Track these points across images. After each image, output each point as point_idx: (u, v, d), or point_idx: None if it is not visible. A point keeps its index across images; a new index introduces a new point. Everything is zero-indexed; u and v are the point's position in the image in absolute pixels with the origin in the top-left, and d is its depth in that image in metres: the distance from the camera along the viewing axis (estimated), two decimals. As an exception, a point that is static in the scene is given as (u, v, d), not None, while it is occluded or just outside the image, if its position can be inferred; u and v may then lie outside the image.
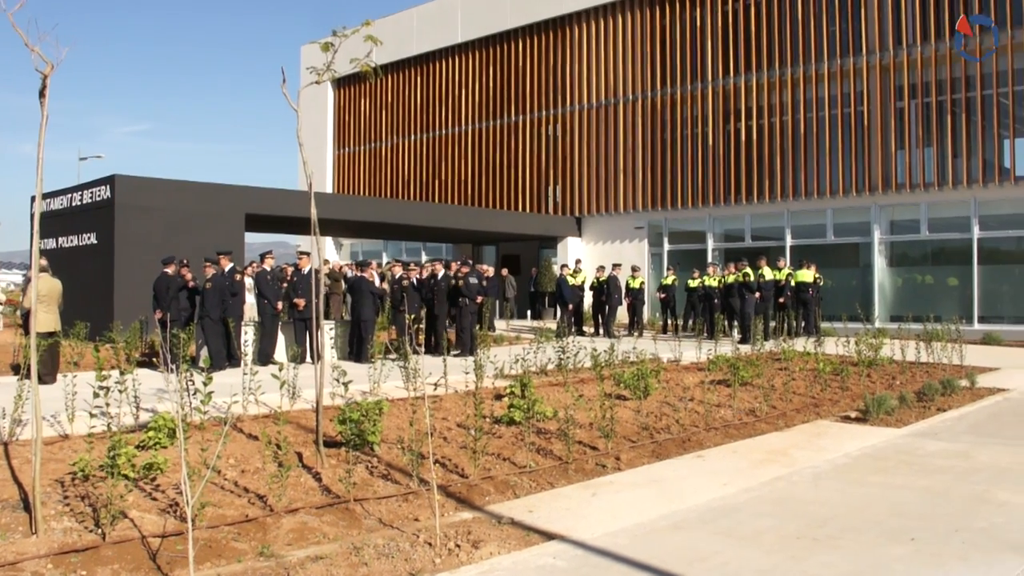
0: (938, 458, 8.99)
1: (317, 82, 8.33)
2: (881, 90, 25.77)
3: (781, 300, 22.40)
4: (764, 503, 7.29)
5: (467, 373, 10.71)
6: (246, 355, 15.14)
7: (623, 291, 25.05)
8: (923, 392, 13.03)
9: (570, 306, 24.56)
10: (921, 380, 14.43)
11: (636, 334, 23.88)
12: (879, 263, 25.87)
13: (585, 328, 25.30)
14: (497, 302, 28.63)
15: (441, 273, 18.71)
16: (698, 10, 29.21)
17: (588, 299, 25.89)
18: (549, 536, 6.37)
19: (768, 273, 22.17)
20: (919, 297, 25.32)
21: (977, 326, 23.48)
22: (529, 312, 30.52)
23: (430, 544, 6.14)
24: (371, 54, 8.20)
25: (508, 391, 10.92)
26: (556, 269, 29.59)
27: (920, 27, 25.09)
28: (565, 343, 14.45)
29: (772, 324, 21.26)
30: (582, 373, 14.17)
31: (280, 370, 8.46)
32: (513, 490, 7.75)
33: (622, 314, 25.56)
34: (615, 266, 25.21)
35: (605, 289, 24.56)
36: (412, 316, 10.17)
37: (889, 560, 5.79)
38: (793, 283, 22.89)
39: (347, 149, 40.62)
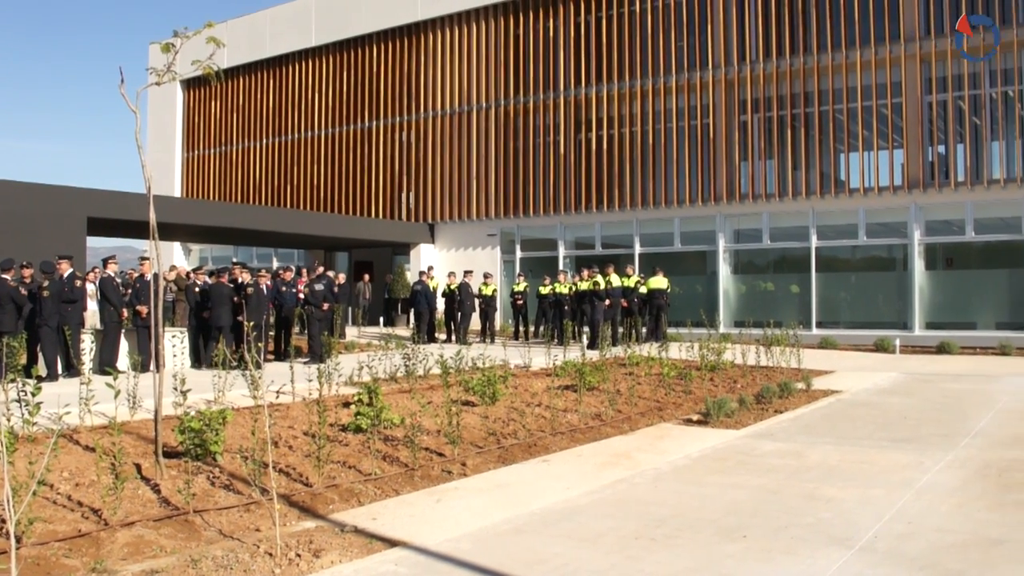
0: (773, 458, 9.32)
1: (157, 83, 8.12)
2: (726, 104, 26.66)
3: (625, 305, 22.97)
4: (606, 505, 7.42)
5: (310, 381, 10.58)
6: (83, 364, 14.59)
7: (475, 298, 25.20)
8: (762, 395, 13.50)
9: (437, 312, 24.62)
10: (761, 383, 14.88)
11: (488, 340, 24.05)
12: (724, 271, 26.73)
13: (438, 335, 25.33)
14: (350, 309, 28.42)
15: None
16: (551, 21, 29.64)
17: (441, 306, 25.93)
18: (392, 543, 6.34)
19: (616, 280, 22.68)
20: (762, 303, 26.28)
21: (815, 331, 24.53)
22: (382, 319, 30.35)
23: (270, 554, 6.04)
24: (214, 56, 8.03)
25: (356, 398, 10.84)
26: (410, 276, 29.56)
27: (763, 44, 26.10)
28: (414, 350, 14.45)
29: (620, 330, 21.71)
30: (432, 380, 14.19)
31: (114, 379, 8.19)
32: (358, 498, 7.69)
33: (474, 321, 25.69)
34: (467, 273, 25.32)
35: (457, 296, 24.65)
36: (252, 323, 9.97)
37: (722, 557, 5.97)
38: (645, 290, 23.49)
39: (197, 152, 39.57)
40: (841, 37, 24.88)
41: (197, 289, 17.94)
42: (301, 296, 19.75)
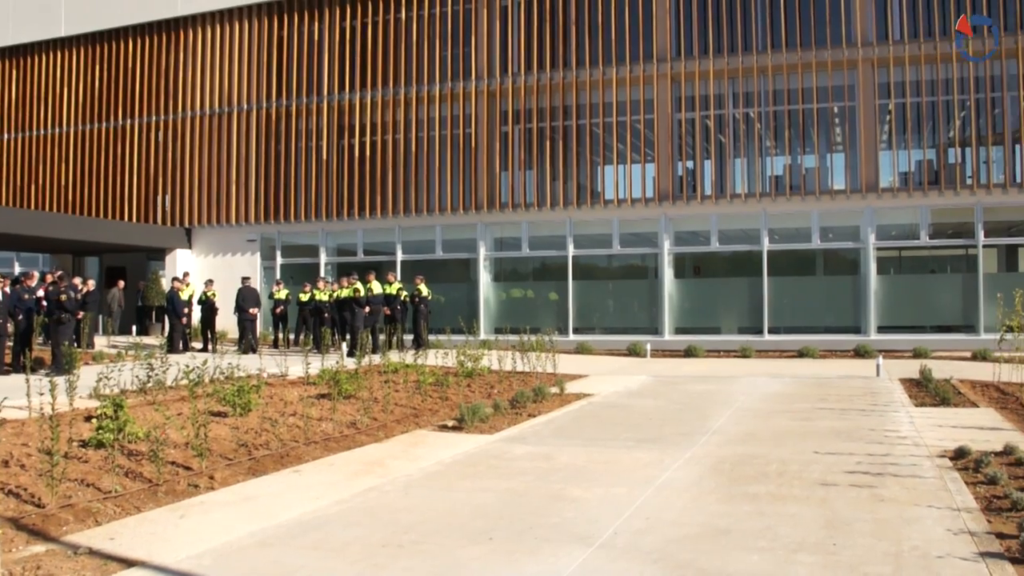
0: (523, 461, 9.56)
1: None
2: (488, 114, 27.15)
3: (388, 312, 23.02)
4: (355, 514, 7.41)
5: (42, 395, 10.00)
6: None
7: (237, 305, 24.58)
8: (517, 399, 13.74)
9: (183, 320, 23.79)
10: (517, 388, 15.15)
11: (247, 349, 23.51)
12: (484, 278, 27.17)
13: (193, 344, 24.51)
14: (99, 317, 27.04)
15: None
16: (316, 24, 29.27)
17: (197, 313, 25.11)
18: (129, 563, 6.08)
19: (377, 287, 22.67)
20: (521, 310, 26.91)
21: (572, 336, 25.36)
22: (135, 328, 29.03)
23: (-8, 583, 5.71)
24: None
25: (99, 412, 10.33)
26: (165, 282, 28.43)
27: (525, 58, 26.77)
28: (164, 359, 13.95)
29: (382, 337, 21.72)
30: (183, 391, 13.72)
31: None
32: (95, 517, 7.32)
33: (232, 329, 25.09)
34: (244, 279, 24.78)
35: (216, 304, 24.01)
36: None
37: (467, 560, 6.08)
38: (405, 297, 23.59)
39: (-74, 147, 36.54)
40: (599, 54, 25.89)
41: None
42: (44, 304, 18.66)
